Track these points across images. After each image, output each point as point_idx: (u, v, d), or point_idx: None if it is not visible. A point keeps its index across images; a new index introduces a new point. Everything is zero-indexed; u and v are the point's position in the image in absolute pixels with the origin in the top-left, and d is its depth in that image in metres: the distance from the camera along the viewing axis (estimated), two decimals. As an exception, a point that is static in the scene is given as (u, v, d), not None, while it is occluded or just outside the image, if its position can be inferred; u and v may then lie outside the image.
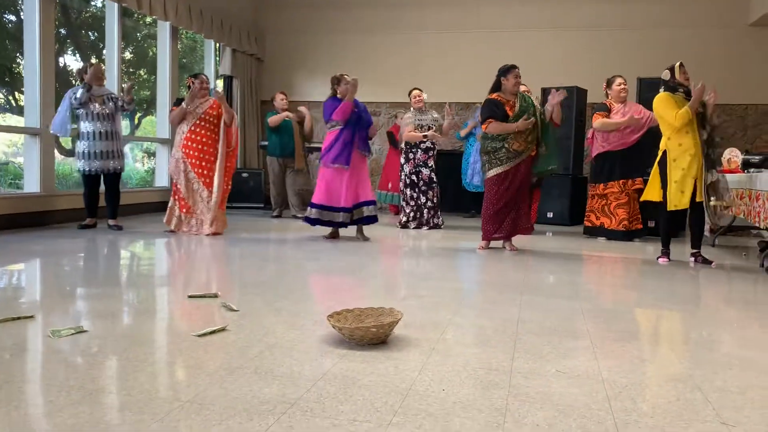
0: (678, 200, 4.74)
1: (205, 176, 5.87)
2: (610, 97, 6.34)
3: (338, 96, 5.69)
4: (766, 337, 2.85)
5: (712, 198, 4.67)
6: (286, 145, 7.81)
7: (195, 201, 5.90)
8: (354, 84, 5.54)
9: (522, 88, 5.43)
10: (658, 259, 4.99)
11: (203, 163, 5.87)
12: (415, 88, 7.23)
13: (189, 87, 6.03)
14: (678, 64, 4.92)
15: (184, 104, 5.89)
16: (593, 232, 6.47)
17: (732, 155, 5.94)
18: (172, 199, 5.97)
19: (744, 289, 4.12)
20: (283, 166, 7.87)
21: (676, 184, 4.74)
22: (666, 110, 4.75)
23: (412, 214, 7.04)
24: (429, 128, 7.02)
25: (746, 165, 5.46)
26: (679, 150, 4.73)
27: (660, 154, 4.90)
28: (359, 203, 5.73)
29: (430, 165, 7.02)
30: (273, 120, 7.78)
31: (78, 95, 5.75)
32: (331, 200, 5.67)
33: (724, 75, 8.06)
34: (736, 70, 8.57)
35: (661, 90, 4.92)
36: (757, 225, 4.94)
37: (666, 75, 4.93)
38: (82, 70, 6.03)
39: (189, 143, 5.86)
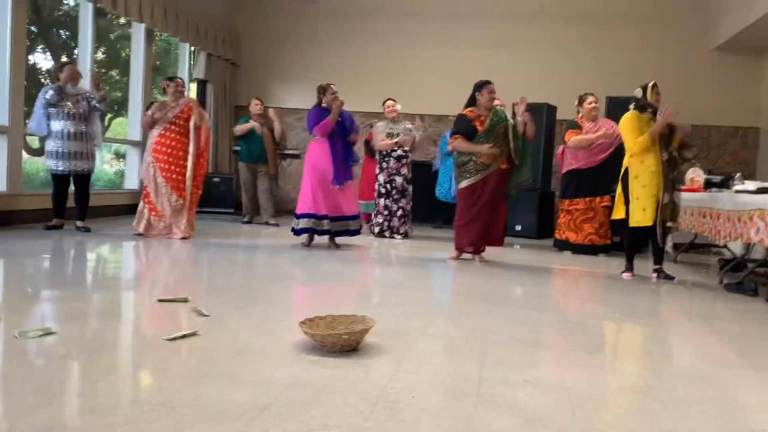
0: (640, 217, 4.87)
1: (174, 180, 5.83)
2: (581, 115, 6.48)
3: (323, 105, 5.72)
4: (724, 351, 2.95)
5: (668, 221, 4.80)
6: (255, 151, 7.78)
7: (163, 205, 5.86)
8: (339, 106, 5.60)
9: (497, 102, 5.52)
10: (622, 273, 5.11)
11: (172, 167, 5.83)
12: (388, 99, 7.30)
13: (164, 90, 6.00)
14: (651, 84, 5.00)
15: (150, 112, 5.88)
16: (561, 245, 6.61)
17: (695, 175, 6.13)
18: (142, 202, 5.92)
19: (703, 305, 4.24)
20: (254, 171, 7.85)
21: (637, 201, 4.87)
22: (629, 133, 4.87)
23: (386, 223, 7.08)
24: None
25: (708, 184, 5.62)
26: (641, 167, 4.85)
27: (622, 171, 5.04)
28: (344, 216, 5.75)
29: (403, 173, 7.08)
30: (237, 129, 7.81)
31: (48, 96, 5.67)
32: (318, 209, 5.68)
33: (688, 97, 8.30)
34: (699, 92, 8.85)
35: (631, 107, 5.02)
36: (717, 243, 5.10)
37: (638, 93, 5.01)
38: (58, 69, 5.95)
39: (159, 147, 5.84)
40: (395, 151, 7.06)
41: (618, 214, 5.16)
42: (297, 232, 5.76)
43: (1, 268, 4.13)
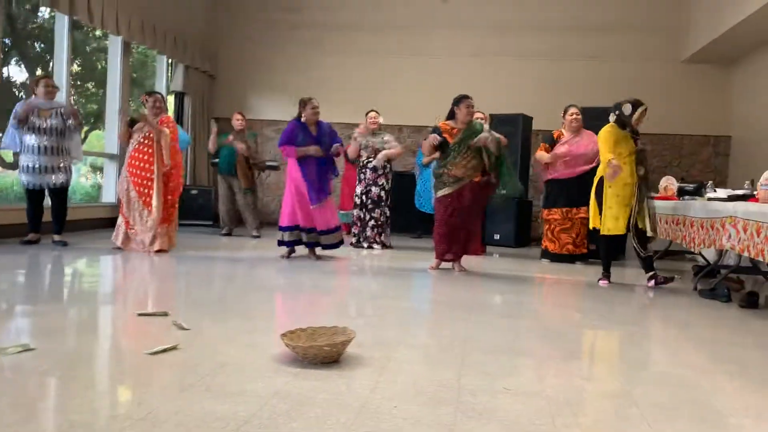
0: (612, 225, 4.99)
1: (145, 195, 5.80)
2: (563, 126, 6.57)
3: (302, 119, 5.74)
4: (698, 356, 3.02)
5: (644, 228, 4.91)
6: (232, 164, 7.77)
7: (135, 219, 5.82)
8: (314, 151, 5.67)
9: (478, 115, 5.57)
10: (599, 281, 5.19)
11: (144, 182, 5.81)
12: (371, 110, 7.33)
13: (143, 103, 5.99)
14: (644, 108, 5.03)
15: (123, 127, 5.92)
16: (542, 254, 6.70)
17: (668, 183, 6.24)
18: (120, 216, 5.88)
19: (678, 311, 4.32)
20: (230, 183, 7.84)
21: (610, 210, 5.00)
22: (604, 145, 4.99)
23: (361, 234, 7.12)
24: (377, 150, 7.12)
25: (681, 192, 5.73)
26: (616, 178, 4.95)
27: (596, 180, 5.14)
28: (326, 230, 5.77)
29: (380, 183, 7.11)
30: (210, 145, 7.84)
31: (15, 111, 5.63)
32: (300, 220, 5.70)
33: (661, 106, 8.43)
34: (672, 102, 9.03)
35: (611, 119, 5.08)
36: (692, 250, 5.21)
37: (626, 109, 5.01)
38: (33, 82, 5.90)
39: (133, 161, 5.83)
40: (370, 161, 7.10)
41: (593, 222, 5.26)
42: (284, 244, 5.80)
43: (-25, 284, 4.07)
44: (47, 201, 5.94)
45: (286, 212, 5.78)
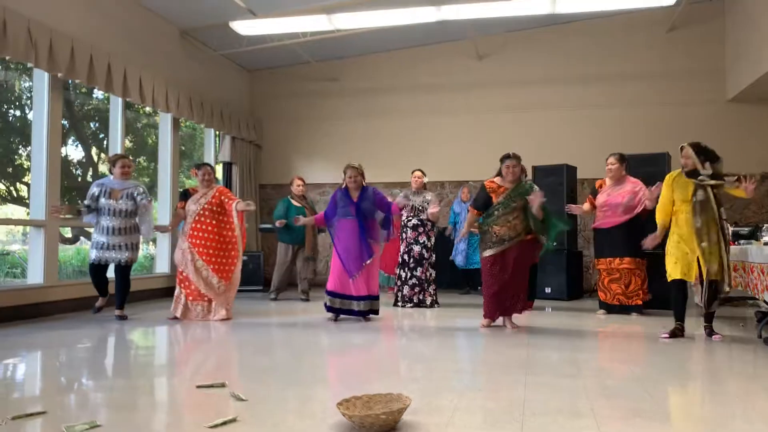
0: (671, 270, 4.89)
1: (214, 263, 5.99)
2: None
3: (343, 186, 5.95)
4: (770, 411, 2.88)
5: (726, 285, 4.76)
6: (297, 234, 7.81)
7: (206, 287, 5.97)
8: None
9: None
10: (662, 336, 5.00)
11: (210, 251, 5.99)
12: (417, 170, 7.43)
13: (194, 176, 6.23)
14: (680, 148, 5.07)
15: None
16: (599, 304, 6.60)
17: (722, 227, 6.09)
18: (178, 287, 6.04)
19: (745, 361, 4.15)
20: (294, 252, 7.92)
21: (670, 256, 4.92)
22: (663, 191, 4.98)
23: (399, 293, 7.13)
24: (417, 209, 7.17)
25: (736, 237, 5.59)
26: (675, 226, 4.94)
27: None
28: (360, 296, 5.86)
29: (421, 242, 7.13)
30: (278, 220, 7.79)
31: (90, 192, 5.95)
32: (344, 288, 5.83)
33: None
34: (718, 143, 8.72)
35: (719, 165, 5.02)
36: (755, 296, 5.01)
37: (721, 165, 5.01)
38: (111, 161, 6.16)
39: (195, 233, 6.00)
40: (410, 220, 7.16)
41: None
42: (329, 309, 5.93)
43: (41, 360, 4.22)
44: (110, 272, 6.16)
45: (331, 277, 5.91)
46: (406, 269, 7.10)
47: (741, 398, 3.16)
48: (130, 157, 6.35)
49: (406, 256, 7.15)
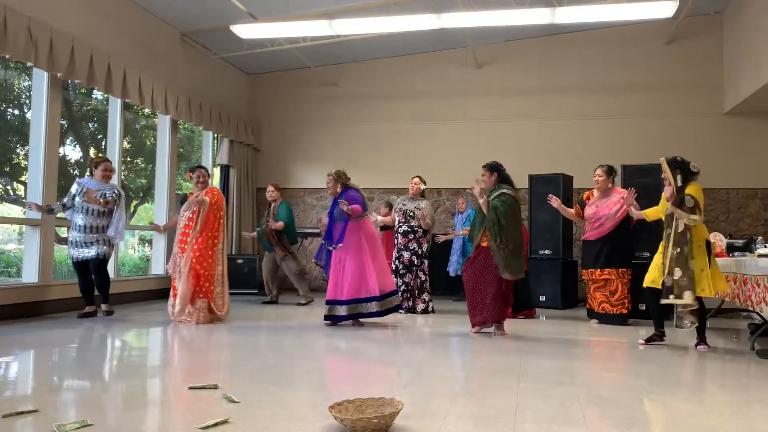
0: (646, 276, 5.10)
1: (195, 268, 5.91)
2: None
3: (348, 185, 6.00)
4: (764, 422, 2.89)
5: (685, 297, 4.73)
6: (264, 241, 7.97)
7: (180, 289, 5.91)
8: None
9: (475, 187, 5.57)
10: (643, 342, 5.09)
11: (196, 254, 5.95)
12: (416, 176, 7.45)
13: (188, 179, 6.24)
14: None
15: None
16: (588, 312, 6.66)
17: (716, 239, 6.11)
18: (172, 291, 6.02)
19: (737, 373, 4.16)
20: (273, 256, 7.98)
21: (653, 262, 5.10)
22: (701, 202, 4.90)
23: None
24: (409, 215, 7.18)
25: (730, 249, 5.61)
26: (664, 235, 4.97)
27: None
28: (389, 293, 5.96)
29: (411, 248, 7.13)
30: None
31: (70, 192, 6.01)
32: (362, 292, 5.85)
33: (706, 161, 8.26)
34: (716, 156, 8.92)
35: (694, 180, 4.94)
36: (749, 308, 5.03)
37: (695, 168, 4.94)
38: (93, 163, 6.22)
39: (183, 237, 6.01)
40: (401, 226, 7.17)
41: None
42: (339, 319, 5.89)
43: (34, 359, 4.21)
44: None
45: (351, 285, 5.85)
46: (397, 276, 7.10)
47: (732, 409, 3.16)
48: (112, 163, 6.38)
49: (396, 262, 7.15)
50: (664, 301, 4.82)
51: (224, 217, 6.18)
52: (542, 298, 7.98)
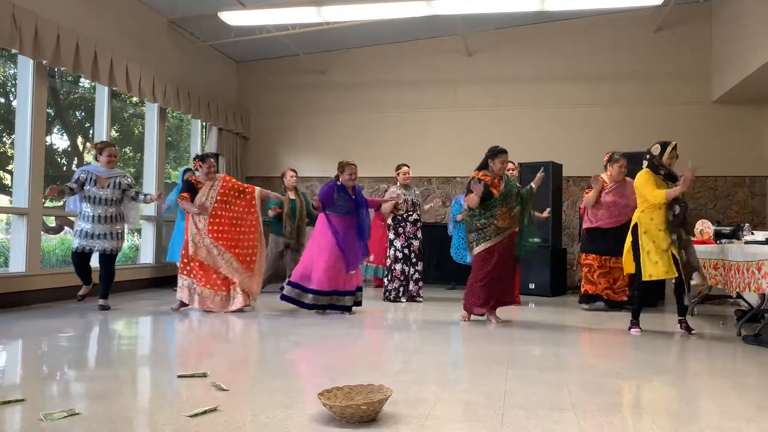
0: (653, 270, 4.87)
1: (237, 254, 6.00)
2: (609, 174, 6.50)
3: (339, 181, 5.88)
4: (747, 406, 2.93)
5: (694, 278, 4.79)
6: (292, 226, 7.66)
7: (234, 272, 5.98)
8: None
9: (509, 166, 5.68)
10: (630, 330, 5.09)
11: (231, 243, 6.00)
12: (403, 165, 7.42)
13: (197, 168, 6.21)
14: (673, 144, 4.98)
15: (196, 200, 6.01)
16: (582, 299, 6.63)
17: (704, 226, 6.16)
18: (188, 279, 5.95)
19: (723, 358, 4.21)
20: (286, 244, 7.69)
21: (648, 254, 4.89)
22: (646, 186, 4.90)
23: (402, 289, 7.09)
24: (412, 203, 7.19)
25: (718, 236, 5.65)
26: (651, 224, 4.91)
27: (632, 225, 5.08)
28: (354, 289, 5.95)
29: (419, 237, 7.17)
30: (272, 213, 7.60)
31: (76, 177, 5.86)
32: (334, 284, 5.85)
33: (694, 148, 8.38)
34: (705, 143, 8.97)
35: (645, 165, 5.03)
36: (731, 294, 5.09)
37: (655, 150, 4.97)
38: (97, 149, 6.05)
39: (213, 227, 5.96)
40: (410, 215, 7.16)
41: (628, 268, 5.19)
42: (307, 306, 5.87)
43: (22, 348, 4.18)
44: (93, 261, 6.11)
45: (318, 275, 5.79)
46: (409, 264, 7.09)
47: (718, 394, 3.20)
48: (116, 146, 6.29)
49: (407, 251, 7.13)
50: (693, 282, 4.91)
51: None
52: (532, 286, 8.02)
